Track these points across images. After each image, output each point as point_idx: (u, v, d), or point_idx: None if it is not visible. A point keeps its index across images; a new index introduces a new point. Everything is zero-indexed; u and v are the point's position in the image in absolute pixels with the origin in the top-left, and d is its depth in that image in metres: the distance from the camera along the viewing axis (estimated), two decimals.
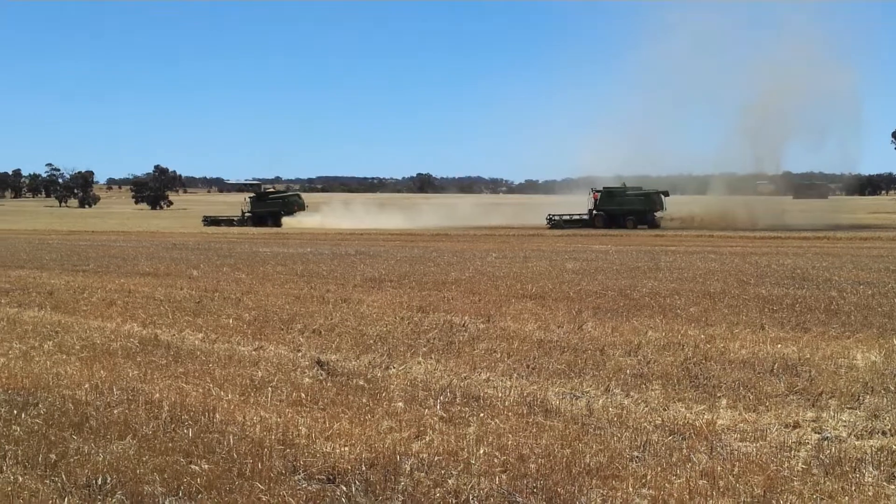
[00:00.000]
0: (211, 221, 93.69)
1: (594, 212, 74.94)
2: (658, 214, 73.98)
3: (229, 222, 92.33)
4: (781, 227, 64.66)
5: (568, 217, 75.90)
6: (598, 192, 75.83)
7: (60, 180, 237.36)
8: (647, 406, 8.51)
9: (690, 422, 7.85)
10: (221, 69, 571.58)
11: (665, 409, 8.38)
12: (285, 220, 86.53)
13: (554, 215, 76.20)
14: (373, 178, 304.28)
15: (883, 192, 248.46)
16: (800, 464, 6.68)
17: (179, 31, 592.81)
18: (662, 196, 74.82)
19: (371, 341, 11.99)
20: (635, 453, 6.92)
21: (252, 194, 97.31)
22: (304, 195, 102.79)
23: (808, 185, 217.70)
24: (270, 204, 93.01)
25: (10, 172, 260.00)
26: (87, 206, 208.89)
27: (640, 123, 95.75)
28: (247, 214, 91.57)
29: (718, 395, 8.86)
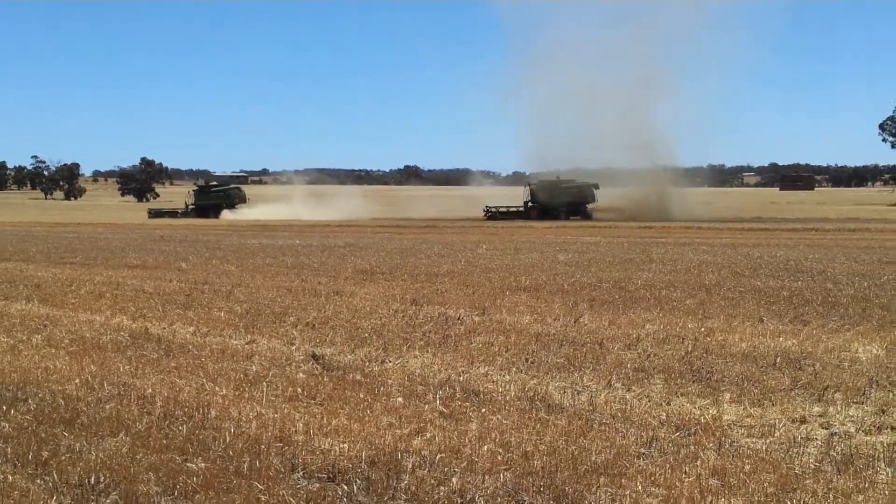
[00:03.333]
0: (156, 214, 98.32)
1: (529, 204, 78.32)
2: (590, 206, 76.84)
3: (173, 214, 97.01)
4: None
5: (505, 209, 78.57)
6: (532, 185, 78.50)
7: (46, 172, 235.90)
8: (650, 401, 8.34)
9: (696, 417, 7.70)
10: (209, 60, 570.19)
11: (668, 404, 8.22)
12: (225, 212, 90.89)
13: (491, 207, 78.81)
14: (361, 170, 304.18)
15: (869, 183, 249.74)
16: (811, 461, 6.54)
17: (166, 23, 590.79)
18: (594, 189, 77.35)
19: (366, 334, 11.79)
20: (642, 450, 6.76)
21: (196, 188, 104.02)
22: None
23: (794, 177, 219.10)
24: (213, 197, 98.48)
25: None
26: (72, 199, 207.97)
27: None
28: (190, 206, 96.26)
29: (722, 389, 8.71)
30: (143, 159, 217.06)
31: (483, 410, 7.86)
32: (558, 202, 76.35)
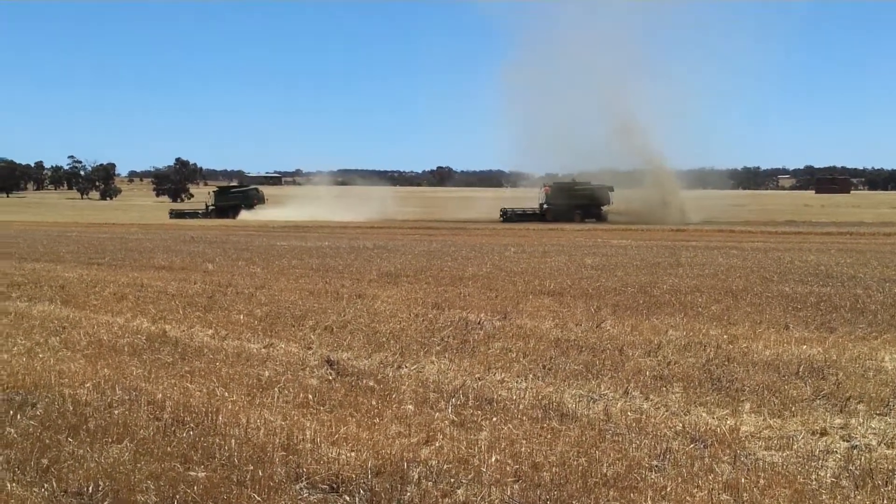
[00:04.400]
0: (177, 214, 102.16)
1: (545, 206, 79.20)
2: (605, 208, 77.66)
3: (194, 214, 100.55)
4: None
5: (521, 211, 79.76)
6: (548, 187, 79.20)
7: (82, 173, 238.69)
8: (667, 410, 8.16)
9: (713, 428, 7.50)
10: (244, 62, 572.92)
11: (686, 414, 8.03)
12: (243, 213, 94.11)
13: (507, 209, 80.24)
14: (393, 171, 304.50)
15: None
16: (828, 475, 6.33)
17: (202, 25, 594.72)
18: (608, 191, 78.39)
19: (384, 339, 11.68)
20: (655, 462, 6.58)
21: (216, 189, 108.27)
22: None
23: (829, 180, 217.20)
24: (232, 198, 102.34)
25: (33, 165, 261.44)
26: (108, 199, 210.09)
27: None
28: (210, 207, 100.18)
29: (742, 398, 8.50)
30: (178, 160, 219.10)
31: (495, 419, 7.71)
32: (573, 204, 77.34)
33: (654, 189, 78.90)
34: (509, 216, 78.69)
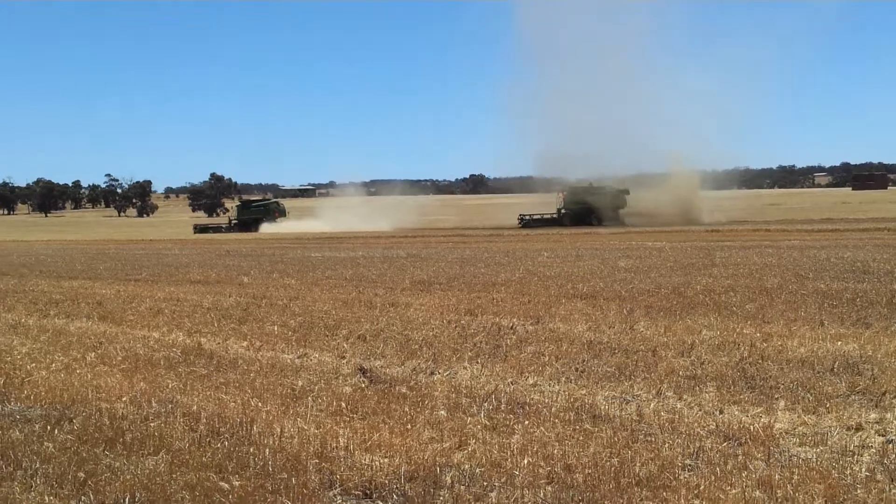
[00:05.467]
0: (201, 229, 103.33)
1: (562, 210, 79.57)
2: (621, 211, 77.99)
3: (217, 229, 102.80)
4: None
5: (539, 216, 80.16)
6: (564, 192, 79.64)
7: (119, 190, 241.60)
8: (700, 410, 8.13)
9: (746, 426, 7.46)
10: (277, 78, 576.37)
11: (720, 413, 7.99)
12: (265, 225, 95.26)
13: (525, 215, 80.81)
14: (427, 180, 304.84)
15: None
16: (863, 470, 6.28)
17: (236, 41, 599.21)
18: (625, 194, 78.52)
19: (416, 346, 11.72)
20: (688, 461, 6.57)
21: (238, 203, 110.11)
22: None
23: (866, 176, 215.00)
24: (254, 211, 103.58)
25: (70, 183, 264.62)
26: (145, 216, 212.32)
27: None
28: (234, 221, 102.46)
29: (776, 396, 8.46)
30: (213, 175, 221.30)
31: (527, 422, 7.72)
32: (589, 208, 77.75)
33: (671, 190, 78.60)
34: (527, 222, 79.56)
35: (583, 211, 77.63)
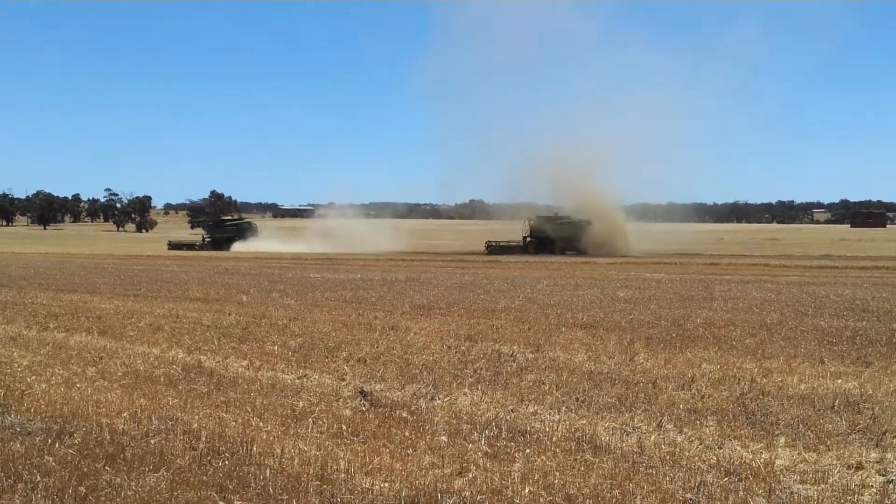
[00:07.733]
0: (175, 246, 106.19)
1: (528, 238, 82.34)
2: (582, 241, 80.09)
3: (191, 246, 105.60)
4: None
5: (505, 243, 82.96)
6: (531, 220, 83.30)
7: (118, 205, 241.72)
8: (701, 444, 8.14)
9: (747, 461, 7.47)
10: (278, 95, 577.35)
11: (720, 447, 8.00)
12: (237, 244, 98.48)
13: (492, 241, 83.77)
14: (426, 204, 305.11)
15: None
16: None
17: (236, 57, 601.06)
18: (587, 224, 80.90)
19: (417, 371, 11.72)
20: (689, 495, 6.56)
21: (211, 222, 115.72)
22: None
23: (865, 214, 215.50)
24: (226, 230, 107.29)
25: (70, 197, 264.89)
26: (144, 231, 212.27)
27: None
28: (207, 239, 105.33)
29: (776, 432, 8.46)
30: (213, 192, 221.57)
31: (528, 451, 7.72)
32: (554, 237, 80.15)
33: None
34: (493, 248, 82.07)
35: (547, 239, 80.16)
